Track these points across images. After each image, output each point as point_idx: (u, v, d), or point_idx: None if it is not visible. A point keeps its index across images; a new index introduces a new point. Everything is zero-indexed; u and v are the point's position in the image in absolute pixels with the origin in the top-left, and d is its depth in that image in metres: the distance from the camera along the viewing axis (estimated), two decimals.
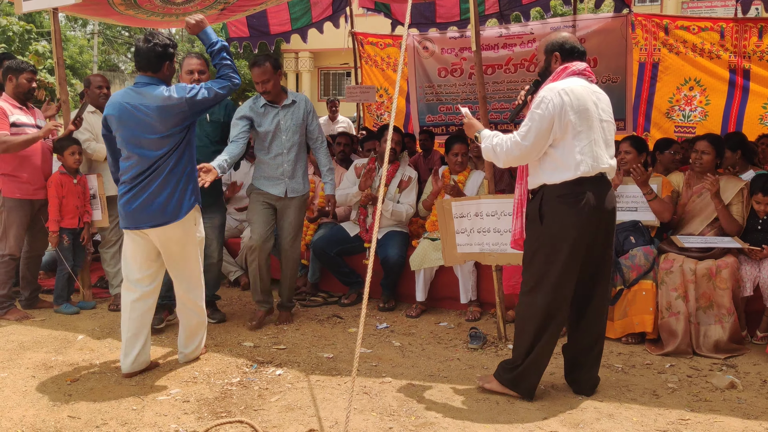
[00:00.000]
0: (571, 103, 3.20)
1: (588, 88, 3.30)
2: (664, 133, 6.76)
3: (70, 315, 4.94)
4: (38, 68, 17.03)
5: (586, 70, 3.38)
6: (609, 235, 3.38)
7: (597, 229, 3.29)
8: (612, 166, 3.32)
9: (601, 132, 3.29)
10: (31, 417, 3.19)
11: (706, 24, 6.35)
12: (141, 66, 3.64)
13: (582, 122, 3.22)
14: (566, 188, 3.24)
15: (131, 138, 3.61)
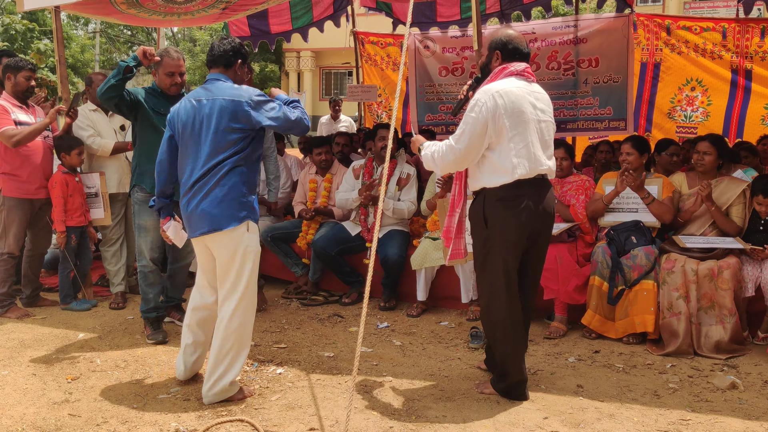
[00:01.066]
0: (505, 106, 3.18)
1: (525, 89, 3.28)
2: (665, 133, 6.75)
3: (80, 312, 4.94)
4: (40, 66, 17.06)
5: (525, 71, 3.35)
6: (548, 234, 3.44)
7: (538, 230, 3.32)
8: (550, 168, 3.33)
9: (539, 133, 3.28)
10: (32, 415, 3.19)
11: (708, 24, 6.34)
12: (213, 62, 3.53)
13: (517, 125, 3.21)
14: (505, 191, 3.25)
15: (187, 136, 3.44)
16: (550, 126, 3.37)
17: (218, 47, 3.53)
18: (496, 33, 3.46)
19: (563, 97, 6.12)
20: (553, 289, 4.47)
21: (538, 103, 3.31)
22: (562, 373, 3.78)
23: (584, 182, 4.91)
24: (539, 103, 3.32)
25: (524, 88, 3.28)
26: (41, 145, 4.99)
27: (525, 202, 3.24)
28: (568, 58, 5.98)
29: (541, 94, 3.38)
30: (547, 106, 3.38)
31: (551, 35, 6.00)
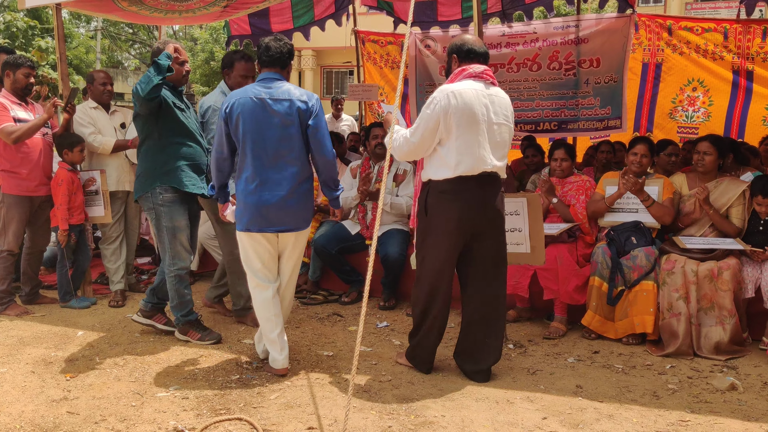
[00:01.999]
0: (457, 105, 3.39)
1: (480, 92, 3.47)
2: (666, 133, 6.75)
3: (79, 309, 4.95)
4: (41, 64, 17.06)
5: (484, 73, 3.53)
6: (494, 228, 3.60)
7: (479, 223, 3.52)
8: (498, 167, 3.51)
9: (488, 134, 3.47)
10: (30, 412, 3.19)
11: (710, 25, 6.34)
12: (270, 63, 3.69)
13: (466, 125, 3.41)
14: (447, 185, 3.48)
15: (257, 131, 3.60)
16: (504, 128, 3.55)
17: (277, 48, 3.68)
18: (452, 39, 3.73)
19: (564, 97, 6.11)
20: (552, 289, 4.47)
21: (493, 105, 3.50)
22: (561, 373, 3.77)
23: (585, 182, 4.91)
24: (495, 106, 3.51)
25: (480, 90, 3.48)
26: (41, 143, 4.98)
27: (463, 196, 3.46)
28: (569, 58, 5.97)
29: (499, 98, 3.55)
30: (504, 109, 3.56)
31: (553, 35, 6.00)
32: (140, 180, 4.16)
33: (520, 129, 6.49)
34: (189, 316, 4.24)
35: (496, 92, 3.55)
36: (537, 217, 4.11)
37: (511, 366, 3.88)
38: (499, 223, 3.62)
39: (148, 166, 4.13)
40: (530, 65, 6.13)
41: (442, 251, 3.55)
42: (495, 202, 3.56)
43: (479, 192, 3.49)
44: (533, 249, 4.12)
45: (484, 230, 3.55)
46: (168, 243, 4.13)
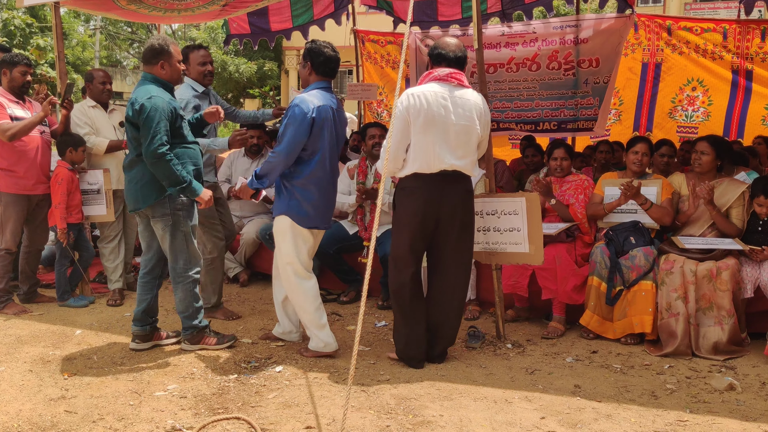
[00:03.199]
0: (415, 106, 3.60)
1: (441, 93, 3.64)
2: (666, 133, 6.77)
3: (77, 308, 4.94)
4: (40, 62, 17.04)
5: (449, 76, 3.70)
6: (454, 224, 3.73)
7: (439, 219, 3.70)
8: (458, 166, 3.66)
9: (446, 135, 3.63)
10: (28, 411, 3.18)
11: (709, 25, 6.34)
12: (330, 73, 3.96)
13: (423, 125, 3.61)
14: (407, 182, 3.73)
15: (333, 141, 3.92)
16: (463, 129, 3.68)
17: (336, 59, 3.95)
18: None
19: (563, 97, 6.11)
20: (551, 289, 4.47)
21: (455, 107, 3.64)
22: (559, 373, 3.77)
23: (583, 182, 4.91)
24: (457, 107, 3.65)
25: (441, 92, 3.64)
26: (39, 141, 4.97)
27: (421, 193, 3.67)
28: (568, 58, 5.97)
29: (464, 99, 3.69)
30: (468, 110, 3.69)
31: (552, 35, 5.99)
32: (148, 187, 3.89)
33: (520, 128, 6.49)
34: (202, 323, 4.13)
35: (462, 94, 3.70)
36: (536, 216, 4.11)
37: (509, 365, 3.88)
38: (461, 219, 3.76)
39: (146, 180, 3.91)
40: (530, 65, 6.12)
41: (404, 244, 3.76)
42: (455, 199, 3.71)
43: (437, 189, 3.66)
44: (532, 248, 4.12)
45: (445, 226, 3.73)
46: (186, 248, 4.00)
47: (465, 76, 3.78)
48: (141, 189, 3.92)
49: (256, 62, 24.61)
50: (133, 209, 4.04)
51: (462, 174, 3.73)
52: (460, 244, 3.80)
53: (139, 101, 3.80)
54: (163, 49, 3.92)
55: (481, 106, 3.77)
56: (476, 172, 3.92)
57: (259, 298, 5.36)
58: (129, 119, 3.88)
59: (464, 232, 3.80)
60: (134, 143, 3.93)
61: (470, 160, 3.76)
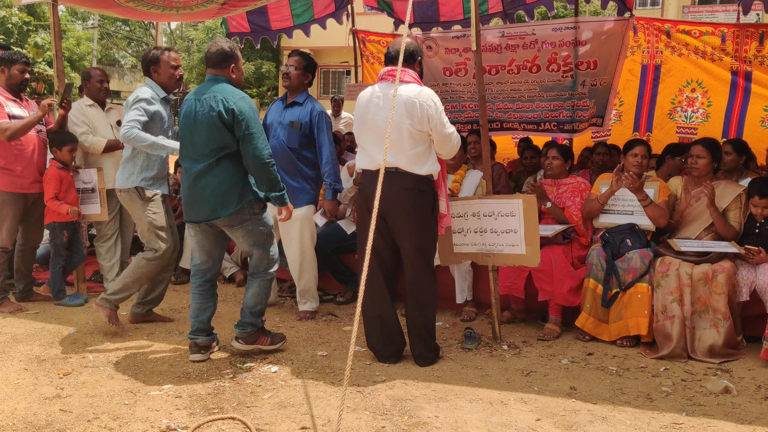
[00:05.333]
0: (357, 107, 3.87)
1: (374, 93, 3.81)
2: (665, 134, 6.80)
3: (73, 307, 4.92)
4: (37, 60, 17.00)
5: (386, 74, 3.85)
6: (399, 221, 3.78)
7: (386, 216, 3.75)
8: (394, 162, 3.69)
9: (378, 132, 3.72)
10: (23, 410, 3.17)
11: (708, 29, 6.35)
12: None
13: (359, 125, 3.87)
14: (360, 178, 3.97)
15: None
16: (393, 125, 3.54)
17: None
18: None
19: (560, 98, 6.12)
20: (547, 290, 4.47)
21: (385, 104, 3.72)
22: (555, 374, 3.77)
23: (580, 184, 4.91)
24: (389, 104, 3.62)
25: (377, 91, 3.81)
26: (35, 140, 4.96)
27: (365, 190, 3.84)
28: (567, 60, 5.97)
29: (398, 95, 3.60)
30: (397, 105, 3.61)
31: (551, 37, 6.00)
32: (227, 195, 3.76)
33: (523, 128, 6.51)
34: (262, 322, 4.06)
35: (398, 91, 3.59)
36: (532, 218, 4.11)
37: (505, 367, 3.88)
38: (406, 219, 3.78)
39: (234, 180, 3.78)
40: (530, 67, 6.12)
41: (359, 241, 3.91)
42: (393, 197, 3.70)
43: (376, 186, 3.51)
44: (528, 250, 4.12)
45: (393, 223, 3.81)
46: (269, 246, 3.96)
47: (407, 72, 3.77)
48: (219, 197, 3.76)
49: (254, 62, 24.60)
50: (207, 219, 3.81)
51: (402, 171, 3.73)
52: (409, 244, 3.81)
53: (234, 102, 3.69)
54: (234, 53, 3.89)
55: (414, 101, 3.67)
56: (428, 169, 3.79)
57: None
58: (213, 121, 3.70)
59: (412, 232, 3.79)
60: (213, 147, 3.74)
61: (406, 155, 3.72)
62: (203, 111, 3.73)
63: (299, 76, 4.75)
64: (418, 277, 3.86)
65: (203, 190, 3.78)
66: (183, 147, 3.90)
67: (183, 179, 3.91)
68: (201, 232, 3.92)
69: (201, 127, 3.74)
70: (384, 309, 3.88)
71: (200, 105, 3.75)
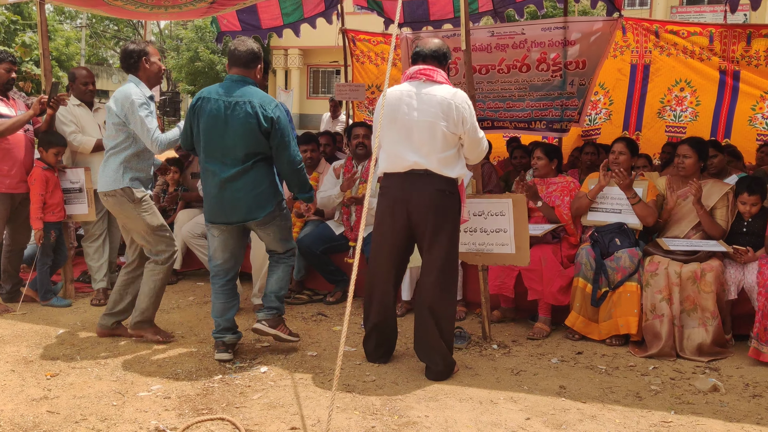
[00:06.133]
0: (383, 106, 3.52)
1: (408, 91, 3.62)
2: (654, 133, 6.85)
3: (60, 308, 4.88)
4: (25, 60, 16.88)
5: (418, 72, 3.67)
6: (426, 226, 3.62)
7: (406, 218, 3.64)
8: (424, 164, 3.58)
9: (408, 132, 3.60)
10: (10, 411, 3.15)
11: (696, 29, 6.39)
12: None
13: (387, 124, 3.63)
14: (382, 182, 3.76)
15: None
16: (426, 126, 3.57)
17: None
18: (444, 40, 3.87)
19: (548, 97, 6.14)
20: (537, 290, 4.48)
21: (420, 104, 3.59)
22: (545, 373, 3.78)
23: (569, 183, 4.93)
24: (422, 104, 3.58)
25: (408, 90, 3.63)
26: (23, 139, 4.92)
27: (391, 193, 3.67)
28: (556, 60, 5.99)
29: (430, 95, 3.59)
30: (432, 106, 3.58)
31: (541, 36, 6.01)
32: (263, 197, 3.83)
33: (514, 127, 6.53)
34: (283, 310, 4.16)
35: (429, 90, 3.60)
36: (522, 218, 4.12)
37: (494, 366, 3.88)
38: (433, 221, 3.61)
39: (268, 182, 3.86)
40: (520, 66, 6.14)
41: (375, 246, 3.78)
42: (423, 199, 3.59)
43: (404, 188, 3.61)
44: (518, 250, 4.13)
45: (417, 228, 3.65)
46: (290, 237, 4.12)
47: (440, 72, 3.68)
48: (255, 199, 3.80)
49: None
50: (243, 220, 3.85)
51: (432, 173, 3.60)
52: (436, 248, 3.63)
53: (272, 111, 3.74)
54: (261, 54, 3.92)
55: (450, 102, 3.57)
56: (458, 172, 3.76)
57: (244, 298, 5.31)
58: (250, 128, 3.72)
59: (439, 235, 3.63)
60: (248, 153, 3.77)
61: (438, 157, 3.59)
62: (237, 116, 3.71)
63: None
64: (441, 287, 3.64)
65: (238, 193, 3.79)
66: (207, 149, 3.81)
67: (208, 181, 3.86)
68: (227, 232, 3.93)
69: (234, 132, 3.72)
70: (389, 315, 3.79)
71: (232, 109, 3.72)
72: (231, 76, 3.86)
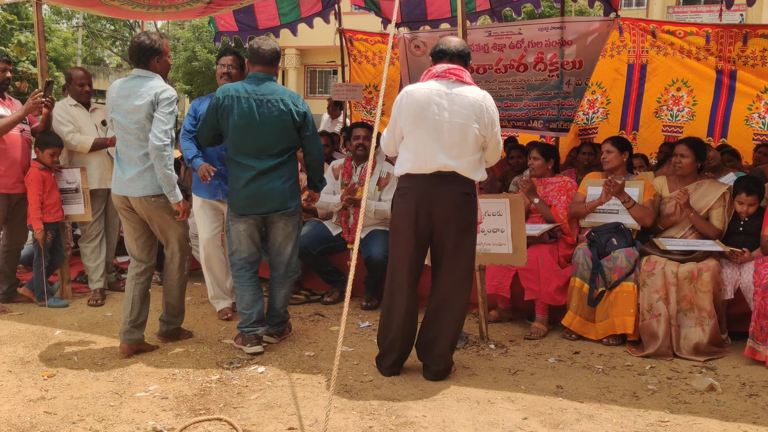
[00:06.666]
0: (407, 105, 3.51)
1: (435, 91, 3.50)
2: (652, 132, 6.86)
3: (57, 308, 4.87)
4: (21, 59, 16.85)
5: (447, 72, 3.55)
6: (449, 228, 3.54)
7: (432, 222, 3.53)
8: (452, 166, 3.49)
9: (438, 133, 3.49)
10: (6, 412, 3.14)
11: (692, 29, 6.41)
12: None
13: (414, 123, 3.50)
14: (402, 182, 3.62)
15: None
16: (457, 127, 3.50)
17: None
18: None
19: (545, 97, 6.16)
20: (534, 289, 4.48)
21: (451, 104, 3.49)
22: (542, 373, 3.79)
23: (566, 183, 4.93)
24: (453, 104, 3.50)
25: (437, 89, 3.51)
26: (19, 139, 4.91)
27: (414, 194, 3.52)
28: (553, 60, 6.01)
29: (461, 96, 3.52)
30: (465, 108, 3.50)
31: (538, 36, 6.03)
32: (295, 186, 4.05)
33: (512, 125, 6.54)
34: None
35: (460, 91, 3.52)
36: (519, 218, 4.12)
37: (492, 366, 3.89)
38: (457, 224, 3.53)
39: (295, 175, 4.09)
40: (517, 66, 6.15)
41: (397, 249, 3.63)
42: (448, 201, 3.51)
43: (429, 190, 3.51)
44: (515, 250, 4.13)
45: (440, 230, 3.55)
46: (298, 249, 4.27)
47: (467, 73, 3.61)
48: (291, 188, 4.01)
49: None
50: (275, 210, 3.99)
51: (458, 175, 3.52)
52: (457, 251, 3.56)
53: (302, 105, 3.99)
54: (280, 54, 4.05)
55: (481, 104, 3.53)
56: (482, 175, 3.73)
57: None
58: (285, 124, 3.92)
59: (461, 237, 3.55)
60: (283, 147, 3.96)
61: (468, 160, 3.53)
62: (271, 113, 3.89)
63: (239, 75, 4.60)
64: (461, 289, 3.61)
65: (272, 184, 3.95)
66: (239, 145, 3.93)
67: (239, 176, 3.96)
68: (253, 225, 4.06)
69: (269, 128, 3.90)
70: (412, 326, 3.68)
71: (264, 106, 3.89)
72: (256, 74, 3.97)
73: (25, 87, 12.07)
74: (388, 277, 3.69)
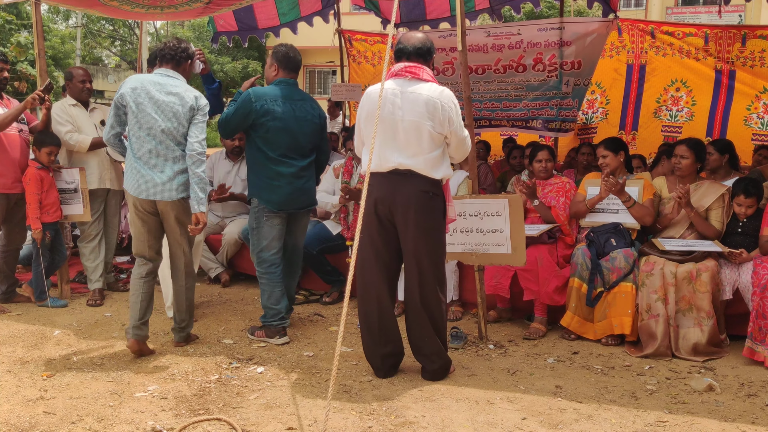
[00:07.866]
0: (365, 105, 3.60)
1: (392, 90, 3.51)
2: (651, 132, 6.87)
3: (56, 308, 4.87)
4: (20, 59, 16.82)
5: (403, 70, 3.56)
6: (409, 226, 3.54)
7: (394, 220, 3.57)
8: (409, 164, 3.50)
9: (394, 132, 3.51)
10: (6, 412, 3.14)
11: (691, 30, 6.42)
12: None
13: (370, 123, 3.51)
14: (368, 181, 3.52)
15: None
16: (411, 126, 3.49)
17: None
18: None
19: (544, 97, 6.16)
20: (533, 290, 4.49)
21: (404, 103, 3.49)
22: (541, 373, 3.79)
23: (565, 184, 4.94)
24: (407, 103, 3.49)
25: (392, 88, 3.51)
26: (18, 139, 4.91)
27: (374, 192, 3.54)
28: (552, 60, 6.02)
29: (416, 94, 3.50)
30: (418, 105, 3.48)
31: (537, 37, 6.03)
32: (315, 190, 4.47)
33: (511, 125, 6.55)
34: None
35: (415, 89, 3.49)
36: (518, 218, 4.13)
37: (491, 366, 3.89)
38: (415, 222, 3.52)
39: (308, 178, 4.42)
40: (516, 66, 6.16)
41: (362, 247, 3.60)
42: (406, 200, 3.51)
43: (388, 189, 3.54)
44: (514, 250, 4.14)
45: (401, 229, 3.58)
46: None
47: (426, 70, 3.58)
48: (314, 187, 4.44)
49: (241, 62, 24.52)
50: (308, 205, 4.39)
51: (416, 173, 3.51)
52: (419, 250, 3.56)
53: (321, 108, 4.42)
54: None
55: (436, 101, 3.48)
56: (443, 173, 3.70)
57: (240, 299, 5.34)
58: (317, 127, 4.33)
59: (422, 236, 3.54)
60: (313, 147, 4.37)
61: (425, 158, 3.51)
62: (305, 117, 4.26)
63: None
64: (427, 286, 3.59)
65: (308, 181, 4.35)
66: (279, 147, 4.20)
67: (281, 173, 4.19)
68: (283, 222, 4.32)
69: (306, 130, 4.27)
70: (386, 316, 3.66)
71: (299, 110, 4.24)
72: (287, 79, 4.29)
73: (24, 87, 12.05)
74: (357, 279, 3.61)
